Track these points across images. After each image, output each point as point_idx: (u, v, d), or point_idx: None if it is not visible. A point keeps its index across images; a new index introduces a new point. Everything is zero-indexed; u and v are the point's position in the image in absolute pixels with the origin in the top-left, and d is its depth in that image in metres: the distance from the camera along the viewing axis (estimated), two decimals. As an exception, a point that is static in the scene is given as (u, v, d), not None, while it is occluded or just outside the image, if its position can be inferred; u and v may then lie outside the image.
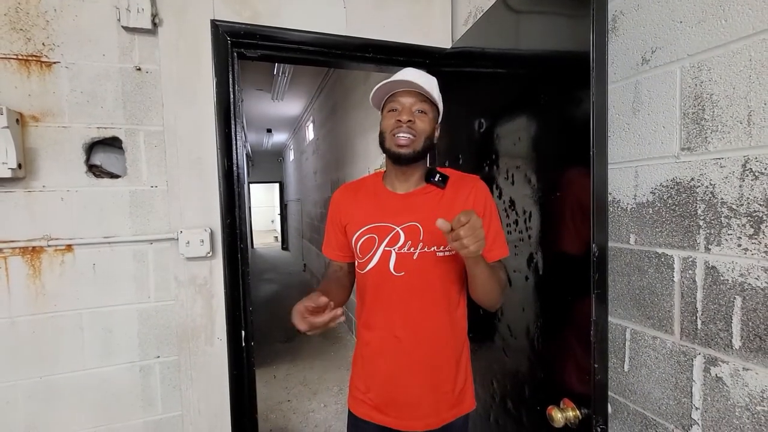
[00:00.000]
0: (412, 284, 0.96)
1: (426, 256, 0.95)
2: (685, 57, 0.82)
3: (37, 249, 1.23)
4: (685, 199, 0.83)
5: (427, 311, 0.97)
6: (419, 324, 0.97)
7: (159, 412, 1.38)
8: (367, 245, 0.99)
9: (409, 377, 0.98)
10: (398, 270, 0.96)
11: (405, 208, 0.99)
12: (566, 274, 0.94)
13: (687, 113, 0.83)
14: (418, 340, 0.97)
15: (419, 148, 0.95)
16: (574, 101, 0.88)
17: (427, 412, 0.99)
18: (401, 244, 0.96)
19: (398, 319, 0.97)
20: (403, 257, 0.96)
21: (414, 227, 0.96)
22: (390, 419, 1.00)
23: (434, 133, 1.00)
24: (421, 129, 0.95)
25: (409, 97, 0.95)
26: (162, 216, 1.34)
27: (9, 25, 1.19)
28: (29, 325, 1.24)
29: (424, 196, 1.00)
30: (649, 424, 0.93)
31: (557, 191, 0.95)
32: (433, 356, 0.98)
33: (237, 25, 1.39)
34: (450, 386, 1.00)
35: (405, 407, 0.99)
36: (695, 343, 0.83)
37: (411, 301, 0.96)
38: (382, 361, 1.00)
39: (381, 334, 0.99)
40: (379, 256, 0.97)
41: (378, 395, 1.01)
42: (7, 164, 1.14)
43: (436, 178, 1.00)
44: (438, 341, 0.98)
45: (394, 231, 0.97)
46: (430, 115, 0.98)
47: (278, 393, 2.91)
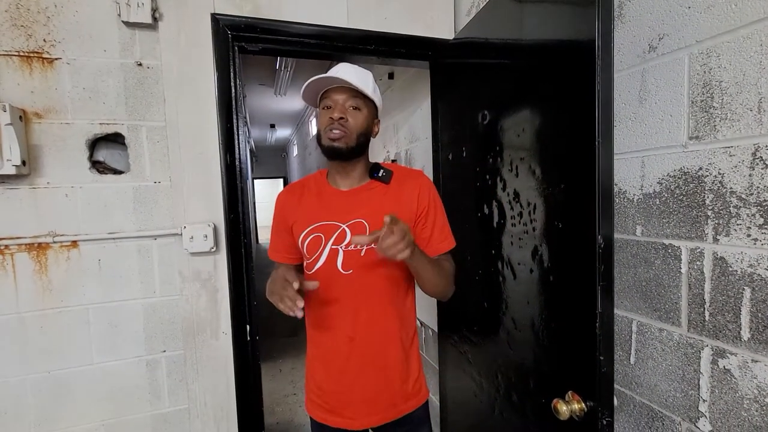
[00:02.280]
0: (361, 282, 0.96)
1: (373, 252, 0.93)
2: (694, 43, 0.81)
3: (43, 245, 1.24)
4: (693, 189, 0.82)
5: (377, 308, 0.97)
6: (370, 322, 0.97)
7: (166, 406, 1.39)
8: (314, 244, 0.98)
9: (364, 376, 0.98)
10: (346, 268, 0.96)
11: (350, 205, 0.98)
12: (571, 266, 0.93)
13: (695, 101, 0.81)
14: (370, 338, 0.97)
15: (352, 144, 0.94)
16: (579, 91, 0.87)
17: (383, 407, 1.00)
18: (348, 241, 0.95)
19: (349, 319, 0.97)
20: (350, 255, 0.96)
21: (360, 224, 0.96)
22: (345, 420, 1.00)
23: (371, 129, 1.00)
24: (353, 126, 0.94)
25: (342, 93, 0.94)
26: (166, 211, 1.35)
27: (10, 22, 1.18)
28: (37, 321, 1.25)
29: (369, 192, 1.00)
30: (656, 417, 0.92)
31: (562, 182, 0.94)
32: (385, 352, 0.99)
33: (238, 19, 1.38)
34: (404, 379, 1.01)
35: (361, 405, 0.99)
36: (703, 335, 0.82)
37: (361, 299, 0.97)
38: (335, 363, 1.00)
39: (333, 334, 0.99)
40: (326, 255, 0.97)
41: (333, 397, 1.01)
42: (12, 161, 1.14)
43: (380, 173, 1.00)
44: (389, 337, 0.99)
45: (340, 229, 0.96)
46: (365, 111, 0.96)
47: (284, 387, 2.94)
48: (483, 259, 1.31)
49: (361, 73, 0.97)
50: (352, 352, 0.98)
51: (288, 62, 4.08)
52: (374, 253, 0.93)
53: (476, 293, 1.36)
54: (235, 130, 1.41)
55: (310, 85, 0.95)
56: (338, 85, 0.95)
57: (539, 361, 1.07)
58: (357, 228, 0.96)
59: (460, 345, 1.53)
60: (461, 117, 1.50)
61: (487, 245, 1.30)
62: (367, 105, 0.97)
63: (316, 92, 0.99)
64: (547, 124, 1.02)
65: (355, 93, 0.95)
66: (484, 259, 1.31)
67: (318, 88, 0.97)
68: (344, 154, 0.95)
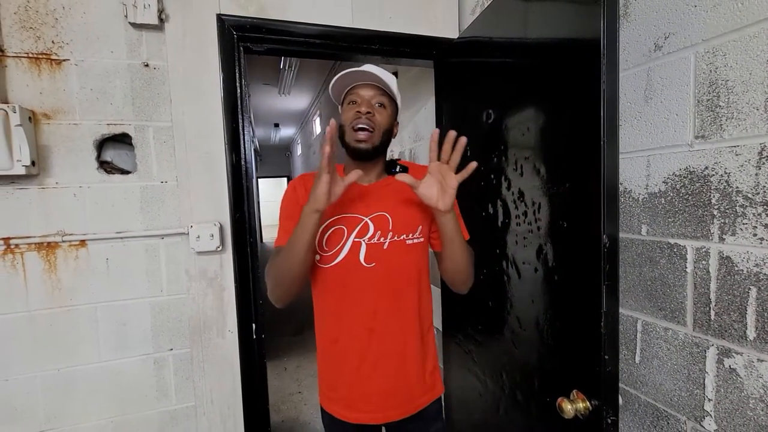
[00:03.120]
0: (383, 274, 0.96)
1: (396, 245, 0.96)
2: (700, 42, 0.80)
3: (52, 244, 1.26)
4: (698, 189, 0.82)
5: (398, 301, 0.97)
6: (391, 314, 0.97)
7: (173, 403, 1.41)
8: (335, 237, 0.96)
9: (381, 368, 0.97)
10: (369, 261, 0.95)
11: (371, 200, 0.99)
12: (576, 265, 0.93)
13: (701, 100, 0.81)
14: (390, 330, 0.97)
15: (377, 143, 0.95)
16: (584, 90, 0.87)
17: (401, 400, 0.99)
18: (371, 234, 0.96)
19: (370, 311, 0.96)
20: (373, 248, 0.95)
21: (382, 217, 0.97)
22: (362, 415, 0.99)
23: (393, 129, 1.01)
24: (379, 122, 0.95)
25: (369, 90, 0.96)
26: (172, 211, 1.36)
27: (19, 24, 1.20)
28: (47, 319, 1.27)
29: (388, 188, 1.01)
30: (661, 416, 0.92)
31: (567, 182, 0.94)
32: (404, 345, 0.99)
33: (243, 19, 1.38)
34: (421, 372, 1.01)
35: (377, 398, 0.98)
36: (708, 334, 0.82)
37: (382, 291, 0.96)
38: (352, 356, 0.98)
39: (352, 327, 0.97)
40: (348, 247, 0.96)
41: (348, 392, 1.00)
42: (21, 161, 1.16)
43: (397, 169, 1.03)
44: (409, 329, 0.99)
45: (363, 222, 0.96)
46: (389, 110, 0.98)
47: (289, 385, 2.95)
48: (488, 259, 1.31)
49: (387, 73, 0.97)
50: (371, 343, 0.97)
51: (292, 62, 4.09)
52: (397, 245, 0.96)
53: (481, 292, 1.37)
54: (241, 130, 1.42)
55: (339, 79, 0.96)
56: (368, 81, 0.96)
57: (544, 360, 1.07)
58: (380, 221, 0.96)
59: (464, 344, 1.53)
60: (465, 116, 1.50)
61: (491, 244, 1.30)
62: (391, 105, 0.99)
63: (342, 88, 0.99)
64: (551, 123, 1.02)
65: (381, 91, 0.96)
66: (488, 259, 1.31)
67: (345, 84, 0.97)
68: (370, 155, 0.96)
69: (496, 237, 1.28)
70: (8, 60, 1.19)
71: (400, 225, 0.97)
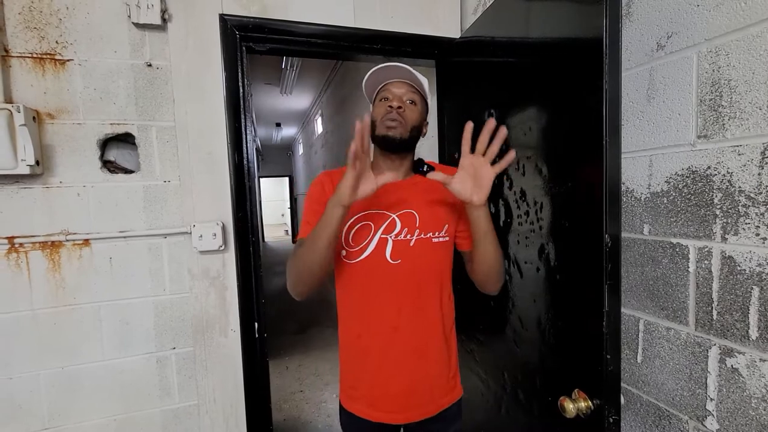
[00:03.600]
0: (409, 271, 0.95)
1: (422, 242, 0.96)
2: (703, 42, 0.80)
3: (56, 243, 1.27)
4: (701, 188, 0.82)
5: (422, 299, 0.97)
6: (415, 312, 0.96)
7: (176, 402, 1.41)
8: (362, 233, 0.96)
9: (403, 366, 0.97)
10: (395, 258, 0.95)
11: (398, 197, 0.99)
12: (578, 265, 0.93)
13: (704, 100, 0.81)
14: (413, 328, 0.96)
15: (406, 135, 0.96)
16: (586, 89, 0.87)
17: (423, 400, 0.98)
18: (398, 231, 0.95)
19: (394, 309, 0.95)
20: (399, 244, 0.95)
21: (410, 214, 0.97)
22: (384, 414, 0.98)
23: (422, 127, 1.02)
24: (410, 117, 0.96)
25: (400, 87, 0.97)
26: (175, 210, 1.37)
27: (23, 24, 1.21)
28: (50, 318, 1.28)
29: (415, 186, 1.02)
30: (663, 415, 0.92)
31: (569, 181, 0.94)
32: (426, 343, 0.98)
33: (245, 19, 1.39)
34: (443, 372, 1.01)
35: (399, 398, 0.97)
36: (710, 333, 0.82)
37: (407, 288, 0.96)
38: (375, 353, 0.97)
39: (375, 324, 0.97)
40: (375, 243, 0.95)
41: (369, 390, 0.99)
42: (26, 161, 1.16)
43: (424, 168, 1.04)
44: (432, 329, 0.99)
45: (390, 218, 0.96)
46: (419, 107, 0.99)
47: (291, 383, 2.96)
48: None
49: (419, 74, 0.99)
50: (394, 341, 0.96)
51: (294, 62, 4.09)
52: (423, 242, 0.96)
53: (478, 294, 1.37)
54: (243, 130, 1.42)
55: (372, 75, 0.98)
56: (400, 78, 0.98)
57: (546, 360, 1.07)
58: (407, 218, 0.97)
59: (466, 343, 1.54)
60: (467, 115, 1.49)
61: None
62: (422, 103, 1.00)
63: (375, 85, 1.01)
64: (554, 122, 1.02)
65: (413, 89, 0.98)
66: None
67: (378, 81, 0.99)
68: (397, 144, 0.96)
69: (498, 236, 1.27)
70: (12, 60, 1.20)
71: (426, 223, 0.97)
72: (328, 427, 2.42)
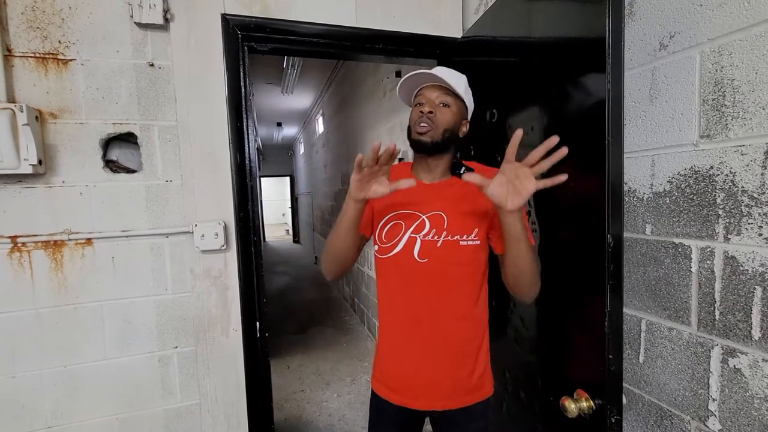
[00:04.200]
0: (435, 271, 0.98)
1: (449, 244, 0.98)
2: (706, 41, 0.80)
3: (59, 243, 1.27)
4: (703, 188, 0.82)
5: (447, 297, 0.99)
6: (439, 309, 0.99)
7: (178, 401, 1.42)
8: (393, 231, 1.02)
9: (427, 359, 1.00)
10: (422, 257, 0.98)
11: (430, 198, 1.01)
12: (580, 264, 0.93)
13: (707, 100, 0.81)
14: (437, 323, 0.99)
15: (438, 139, 0.97)
16: (589, 89, 0.87)
17: (445, 394, 1.01)
18: (426, 231, 0.99)
19: (420, 304, 0.99)
20: (427, 245, 0.98)
21: (438, 216, 0.99)
22: (406, 399, 1.03)
23: (459, 127, 1.02)
24: (440, 120, 0.97)
25: (434, 91, 0.99)
26: (177, 210, 1.37)
27: (26, 24, 1.21)
28: (53, 317, 1.28)
29: (449, 188, 1.03)
30: (665, 415, 0.92)
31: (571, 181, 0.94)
32: (451, 341, 1.00)
33: (247, 19, 1.39)
34: (468, 371, 1.02)
35: (422, 388, 1.01)
36: (713, 334, 0.82)
37: (432, 286, 0.99)
38: (401, 343, 1.03)
39: (402, 317, 1.02)
40: (404, 242, 1.00)
41: (396, 376, 1.04)
42: (29, 160, 1.16)
43: (462, 170, 1.03)
44: (457, 327, 1.00)
45: (420, 219, 1.00)
46: (454, 108, 0.99)
47: (292, 383, 2.96)
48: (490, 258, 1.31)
49: (455, 74, 1.00)
50: (417, 334, 1.00)
51: (295, 61, 4.09)
52: (450, 244, 0.98)
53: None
54: (245, 129, 1.42)
55: (404, 83, 1.00)
56: (431, 83, 0.99)
57: (547, 359, 1.07)
58: (435, 220, 0.99)
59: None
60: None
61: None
62: (457, 104, 1.00)
63: (410, 90, 1.03)
64: (556, 122, 1.02)
65: (446, 91, 0.98)
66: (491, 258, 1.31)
67: (413, 86, 1.02)
68: (428, 148, 0.98)
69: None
70: (15, 60, 1.20)
71: (455, 225, 0.98)
72: (330, 426, 2.42)
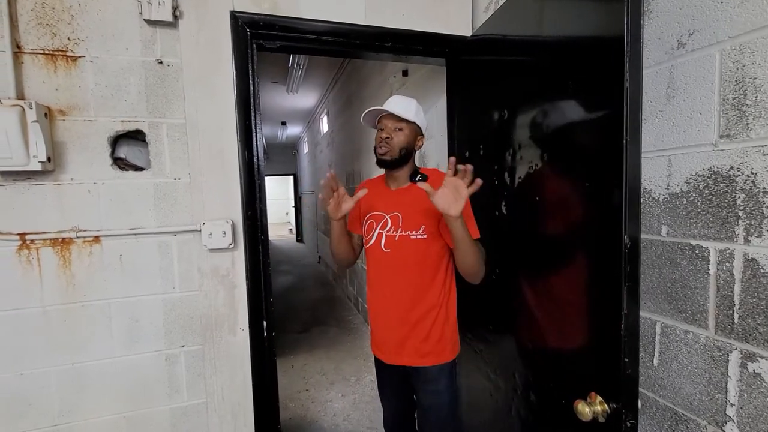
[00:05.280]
0: (395, 257, 1.26)
1: (403, 238, 1.25)
2: (726, 39, 0.79)
3: (67, 240, 1.27)
4: (723, 189, 0.80)
5: (404, 278, 1.26)
6: (398, 287, 1.26)
7: (184, 399, 1.41)
8: (369, 227, 1.33)
9: (392, 325, 1.28)
10: (386, 248, 1.27)
11: (393, 202, 1.29)
12: (595, 266, 0.92)
13: (727, 99, 0.79)
14: (397, 297, 1.27)
15: (395, 156, 1.26)
16: (605, 88, 0.85)
17: (408, 353, 1.27)
18: (389, 228, 1.27)
19: (385, 283, 1.29)
20: (389, 238, 1.27)
21: (396, 216, 1.27)
22: (384, 356, 1.33)
23: (413, 143, 1.29)
24: (395, 143, 1.25)
25: (390, 119, 1.26)
26: (185, 208, 1.36)
27: (36, 21, 1.21)
28: (61, 314, 1.28)
29: (407, 192, 1.29)
30: (680, 420, 0.91)
31: (586, 181, 0.93)
32: (408, 312, 1.25)
33: (256, 16, 1.38)
34: (423, 337, 1.25)
35: (391, 346, 1.30)
36: (731, 337, 0.80)
37: (394, 269, 1.27)
38: (376, 313, 1.34)
39: (377, 292, 1.33)
40: (375, 236, 1.30)
41: (377, 338, 1.36)
42: (38, 157, 1.16)
43: (417, 178, 1.29)
44: (412, 301, 1.25)
45: (384, 218, 1.29)
46: (407, 131, 1.26)
47: (296, 382, 2.96)
48: (501, 258, 1.30)
49: (405, 102, 1.27)
50: (385, 304, 1.30)
51: (300, 60, 4.09)
52: (404, 238, 1.25)
53: (493, 292, 1.36)
54: (253, 128, 1.41)
55: (366, 115, 1.29)
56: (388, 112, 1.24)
57: (559, 362, 1.06)
58: (394, 219, 1.27)
59: (474, 343, 1.52)
60: (479, 114, 1.49)
61: (505, 243, 1.29)
62: (410, 126, 1.27)
63: (373, 118, 1.31)
64: (569, 121, 1.01)
65: (399, 118, 1.25)
66: (502, 258, 1.30)
67: (375, 115, 1.29)
68: (388, 164, 1.28)
69: (510, 236, 1.26)
70: (25, 56, 1.20)
71: (407, 223, 1.25)
72: (334, 426, 2.42)
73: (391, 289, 1.27)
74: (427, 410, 1.30)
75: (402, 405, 1.43)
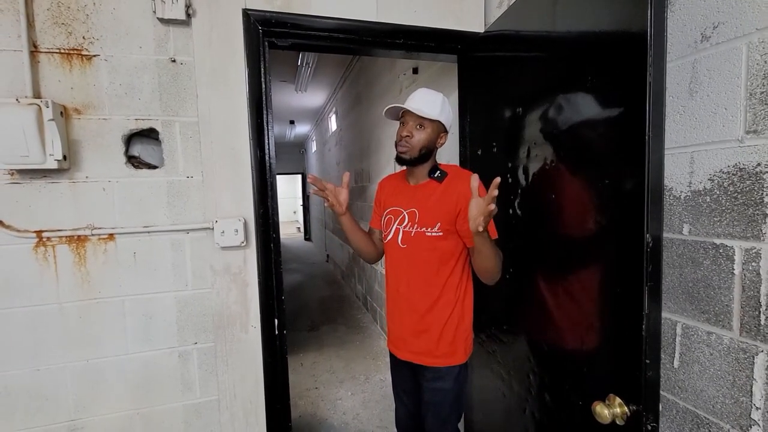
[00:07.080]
0: (411, 253, 1.26)
1: (419, 234, 1.24)
2: (754, 32, 0.76)
3: (82, 237, 1.28)
4: (749, 186, 0.78)
5: (418, 275, 1.25)
6: (412, 283, 1.26)
7: (197, 396, 1.42)
8: (388, 222, 1.33)
9: (404, 322, 1.29)
10: (403, 243, 1.27)
11: (412, 197, 1.29)
12: (615, 265, 0.90)
13: (754, 93, 0.77)
14: (411, 293, 1.27)
15: (414, 155, 1.23)
16: (627, 84, 0.83)
17: (418, 350, 1.27)
18: (406, 224, 1.27)
19: (401, 278, 1.29)
20: (406, 234, 1.27)
21: (413, 212, 1.26)
22: (397, 351, 1.34)
23: (435, 141, 1.24)
24: (415, 141, 1.21)
25: (412, 115, 1.22)
26: (198, 206, 1.37)
27: (51, 20, 1.22)
28: (76, 311, 1.29)
29: (426, 188, 1.27)
30: (702, 423, 0.88)
31: (606, 179, 0.91)
32: (422, 310, 1.25)
33: (268, 14, 1.38)
34: (435, 337, 1.24)
35: (403, 343, 1.31)
36: (757, 339, 0.78)
37: (409, 265, 1.27)
38: (391, 309, 1.34)
39: (392, 288, 1.33)
40: (393, 231, 1.30)
41: (390, 333, 1.37)
42: (54, 156, 1.17)
43: (436, 174, 1.26)
44: (429, 298, 1.24)
45: (402, 214, 1.29)
46: (429, 129, 1.22)
47: (306, 380, 2.97)
48: (514, 257, 1.28)
49: (430, 97, 1.22)
50: (400, 300, 1.29)
51: (310, 59, 4.09)
52: (419, 234, 1.24)
53: (507, 292, 1.34)
54: (265, 126, 1.41)
55: (389, 110, 1.26)
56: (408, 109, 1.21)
57: (576, 363, 1.04)
58: (411, 215, 1.26)
59: (488, 344, 1.51)
60: (492, 111, 1.47)
61: (520, 243, 1.27)
62: (433, 124, 1.22)
63: (396, 113, 1.27)
64: (588, 118, 0.98)
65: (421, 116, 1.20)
66: (517, 258, 1.28)
67: (396, 111, 1.26)
68: (407, 162, 1.25)
69: (524, 235, 1.25)
70: (41, 56, 1.21)
71: (423, 219, 1.24)
72: (344, 425, 2.42)
73: (406, 285, 1.27)
74: (426, 405, 1.30)
75: (415, 404, 1.41)
